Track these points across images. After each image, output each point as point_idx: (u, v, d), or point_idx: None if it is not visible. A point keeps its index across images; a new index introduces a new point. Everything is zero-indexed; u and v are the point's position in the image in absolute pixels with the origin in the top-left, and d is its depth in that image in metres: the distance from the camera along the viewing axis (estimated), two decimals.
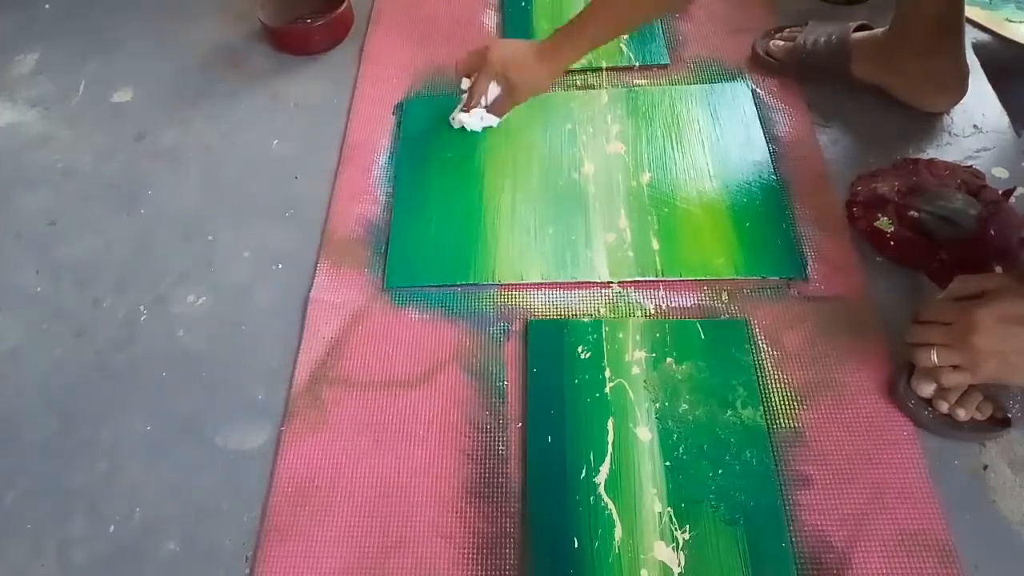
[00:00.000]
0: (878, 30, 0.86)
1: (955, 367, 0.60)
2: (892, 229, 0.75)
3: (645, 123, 0.89)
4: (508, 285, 0.76)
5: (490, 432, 0.67)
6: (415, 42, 1.02)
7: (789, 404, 0.66)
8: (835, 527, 0.60)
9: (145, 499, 0.66)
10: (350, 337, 0.74)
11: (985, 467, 0.62)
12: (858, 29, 0.88)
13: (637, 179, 0.84)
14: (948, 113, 0.86)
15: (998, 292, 0.58)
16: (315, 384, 0.71)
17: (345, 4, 1.02)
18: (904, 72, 0.84)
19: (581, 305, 0.75)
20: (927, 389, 0.63)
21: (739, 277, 0.74)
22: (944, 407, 0.63)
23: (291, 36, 1.03)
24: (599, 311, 0.74)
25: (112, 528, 0.65)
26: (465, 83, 0.86)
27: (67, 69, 1.05)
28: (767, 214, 0.79)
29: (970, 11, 0.94)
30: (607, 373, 0.69)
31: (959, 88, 0.85)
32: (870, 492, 0.61)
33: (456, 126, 0.88)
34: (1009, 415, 0.63)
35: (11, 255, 0.85)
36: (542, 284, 0.76)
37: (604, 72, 0.96)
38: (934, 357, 0.60)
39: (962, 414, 0.62)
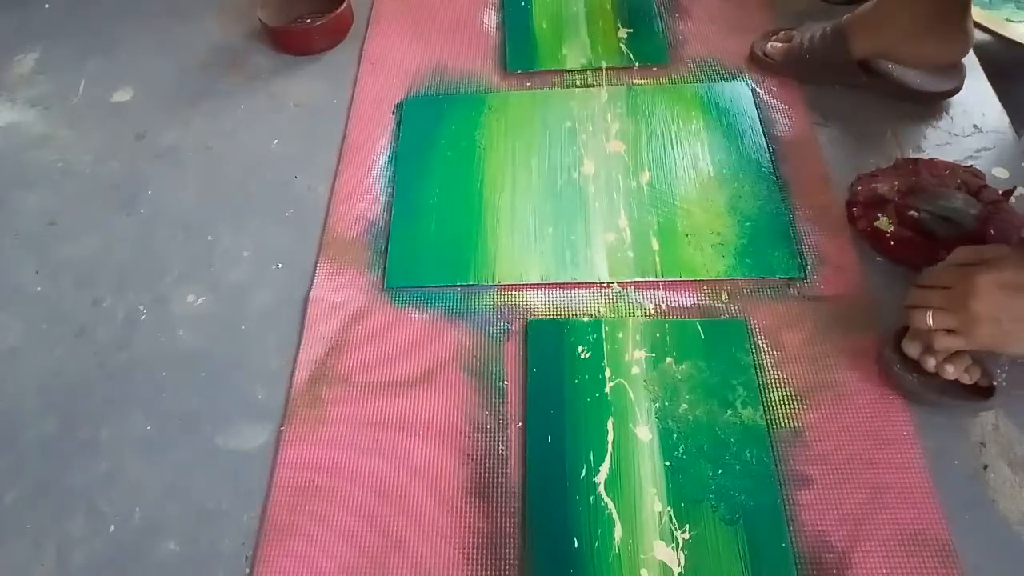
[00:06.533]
0: (867, 4, 0.84)
1: (950, 331, 0.59)
2: (892, 229, 0.75)
3: (645, 122, 0.89)
4: (508, 285, 0.76)
5: (490, 432, 0.67)
6: (415, 42, 1.02)
7: (789, 404, 0.66)
8: (835, 527, 0.60)
9: (145, 499, 0.66)
10: (350, 337, 0.74)
11: (985, 467, 0.62)
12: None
13: (637, 179, 0.84)
14: (948, 112, 0.86)
15: (1000, 260, 0.58)
16: (315, 384, 0.71)
17: (345, 4, 1.02)
18: (903, 31, 0.81)
19: (581, 305, 0.75)
20: (915, 349, 0.63)
21: (739, 277, 0.74)
22: (931, 364, 0.62)
23: (291, 36, 1.03)
24: (599, 311, 0.74)
25: (112, 528, 0.65)
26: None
27: (67, 69, 1.05)
28: (767, 214, 0.79)
29: None
30: (607, 373, 0.69)
31: (963, 38, 0.81)
32: (870, 492, 0.61)
33: None
34: (995, 383, 0.62)
35: (11, 255, 0.85)
36: (542, 284, 0.76)
37: (604, 71, 0.96)
38: (930, 320, 0.60)
39: (950, 370, 0.61)
